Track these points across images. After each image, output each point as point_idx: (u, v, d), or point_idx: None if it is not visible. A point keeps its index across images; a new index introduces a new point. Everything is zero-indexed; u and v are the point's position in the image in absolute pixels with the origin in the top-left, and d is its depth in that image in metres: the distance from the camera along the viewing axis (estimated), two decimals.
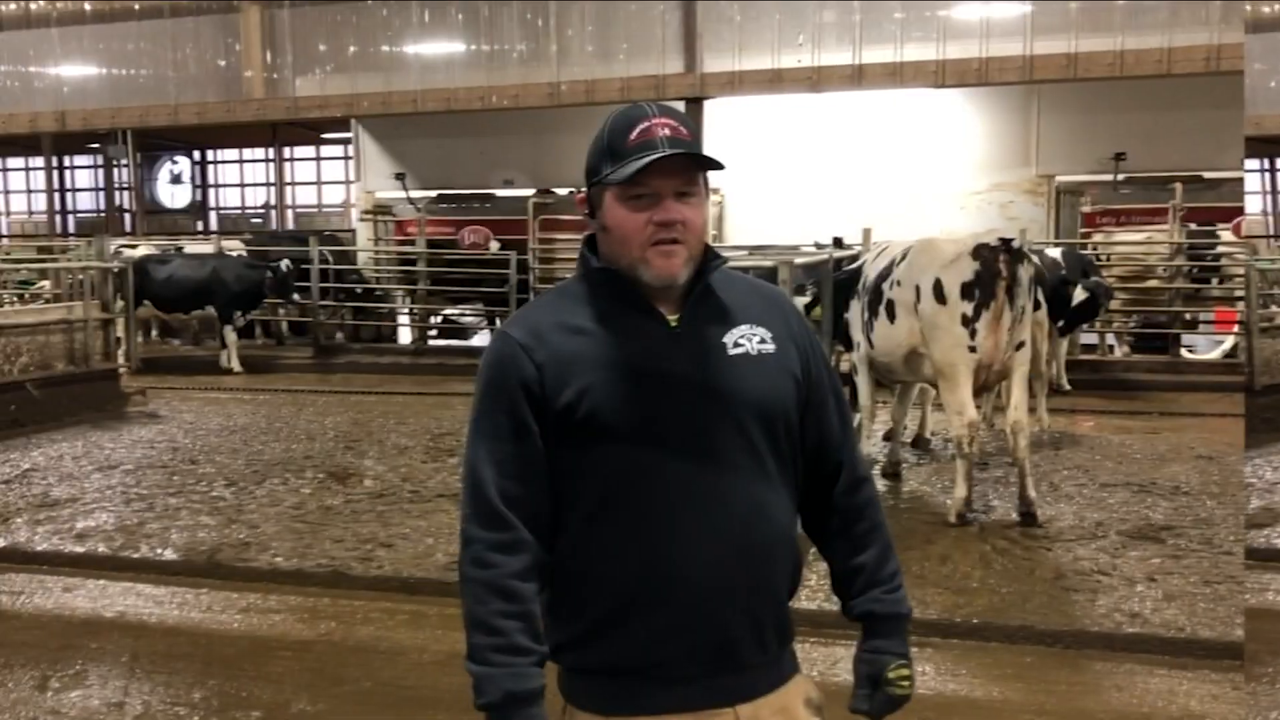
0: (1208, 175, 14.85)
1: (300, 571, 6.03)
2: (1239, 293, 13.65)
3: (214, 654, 5.03)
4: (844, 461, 2.03)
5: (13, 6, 17.17)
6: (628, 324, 1.88)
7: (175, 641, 5.20)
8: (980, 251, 6.53)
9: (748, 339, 1.91)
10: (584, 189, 1.97)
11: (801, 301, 7.99)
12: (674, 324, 1.88)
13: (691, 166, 1.86)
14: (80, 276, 11.80)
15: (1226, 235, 13.50)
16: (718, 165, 1.87)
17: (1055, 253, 11.62)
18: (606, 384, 1.83)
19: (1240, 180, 15.00)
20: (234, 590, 5.89)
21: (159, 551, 6.39)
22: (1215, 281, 13.79)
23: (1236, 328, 14.14)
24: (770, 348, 1.92)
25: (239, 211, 32.21)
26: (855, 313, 7.79)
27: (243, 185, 32.72)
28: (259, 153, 31.39)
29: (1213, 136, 15.07)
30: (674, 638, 1.85)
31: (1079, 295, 10.79)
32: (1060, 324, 11.05)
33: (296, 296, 14.73)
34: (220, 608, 5.68)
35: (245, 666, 4.88)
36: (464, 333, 17.89)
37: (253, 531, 6.75)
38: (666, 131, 1.83)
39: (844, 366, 8.47)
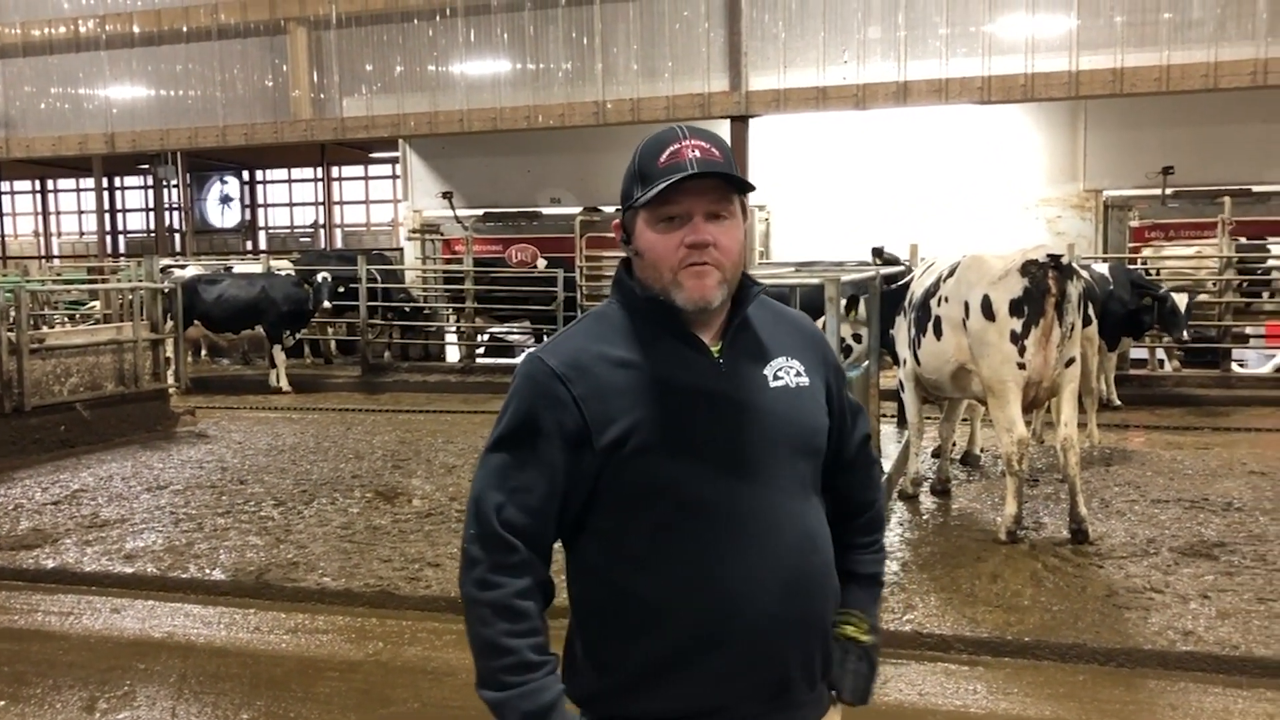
0: (1257, 189, 14.64)
1: (348, 591, 6.07)
2: None
3: (261, 674, 5.08)
4: (860, 465, 2.09)
5: (62, 30, 17.56)
6: (672, 355, 1.84)
7: (223, 662, 5.25)
8: (1029, 268, 6.47)
9: (786, 371, 1.90)
10: (619, 214, 1.96)
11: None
12: (717, 354, 1.87)
13: (723, 187, 1.83)
14: (130, 297, 11.99)
15: (1277, 249, 13.27)
16: (748, 186, 1.86)
17: (1103, 268, 11.49)
18: (656, 418, 1.79)
19: None
20: (282, 610, 5.95)
21: (207, 572, 6.45)
22: (1266, 295, 13.55)
23: None
24: (805, 381, 1.92)
25: (288, 231, 32.67)
26: (901, 329, 7.75)
27: (291, 205, 33.20)
28: (307, 172, 31.86)
29: (1261, 150, 14.87)
30: (737, 678, 1.80)
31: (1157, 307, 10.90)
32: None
33: (328, 304, 14.80)
34: (268, 628, 5.74)
35: (293, 687, 4.92)
36: (511, 351, 17.99)
37: (301, 551, 6.81)
38: (696, 153, 1.81)
39: (890, 382, 8.42)
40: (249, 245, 31.97)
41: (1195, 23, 12.84)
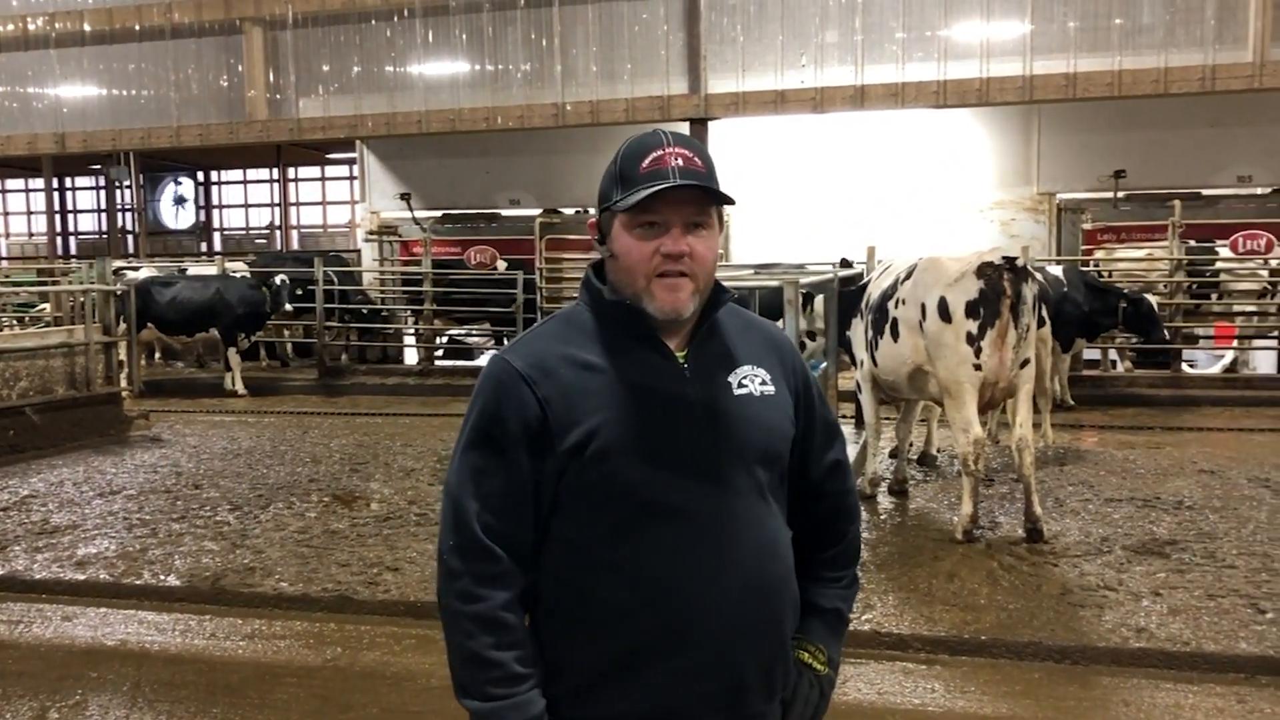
0: (1205, 192, 14.94)
1: (306, 596, 6.02)
2: (1237, 308, 13.72)
3: (217, 682, 5.02)
4: (830, 493, 2.07)
5: (10, 28, 17.23)
6: (638, 359, 1.85)
7: (178, 670, 5.18)
8: (984, 270, 6.55)
9: (751, 379, 1.91)
10: (594, 213, 1.95)
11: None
12: (682, 360, 1.87)
13: (703, 198, 1.84)
14: (81, 299, 11.79)
15: (1225, 252, 13.54)
16: (728, 200, 1.86)
17: (1057, 270, 11.66)
18: (620, 422, 1.79)
19: (1235, 196, 15.07)
20: (238, 616, 5.89)
21: (162, 578, 6.37)
22: (1214, 297, 13.82)
23: (1235, 342, 14.20)
24: (771, 389, 1.93)
25: (243, 232, 32.34)
26: (858, 331, 7.81)
27: (247, 206, 32.86)
28: (263, 173, 31.56)
29: (1209, 154, 15.18)
30: (693, 683, 1.80)
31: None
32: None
33: (289, 307, 14.68)
34: (224, 634, 5.67)
35: (249, 694, 4.86)
36: (470, 353, 17.92)
37: (257, 556, 6.74)
38: (680, 162, 1.82)
39: (848, 383, 8.48)
40: (204, 247, 31.60)
41: (1146, 29, 13.07)
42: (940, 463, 9.11)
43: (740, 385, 1.89)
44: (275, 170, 30.48)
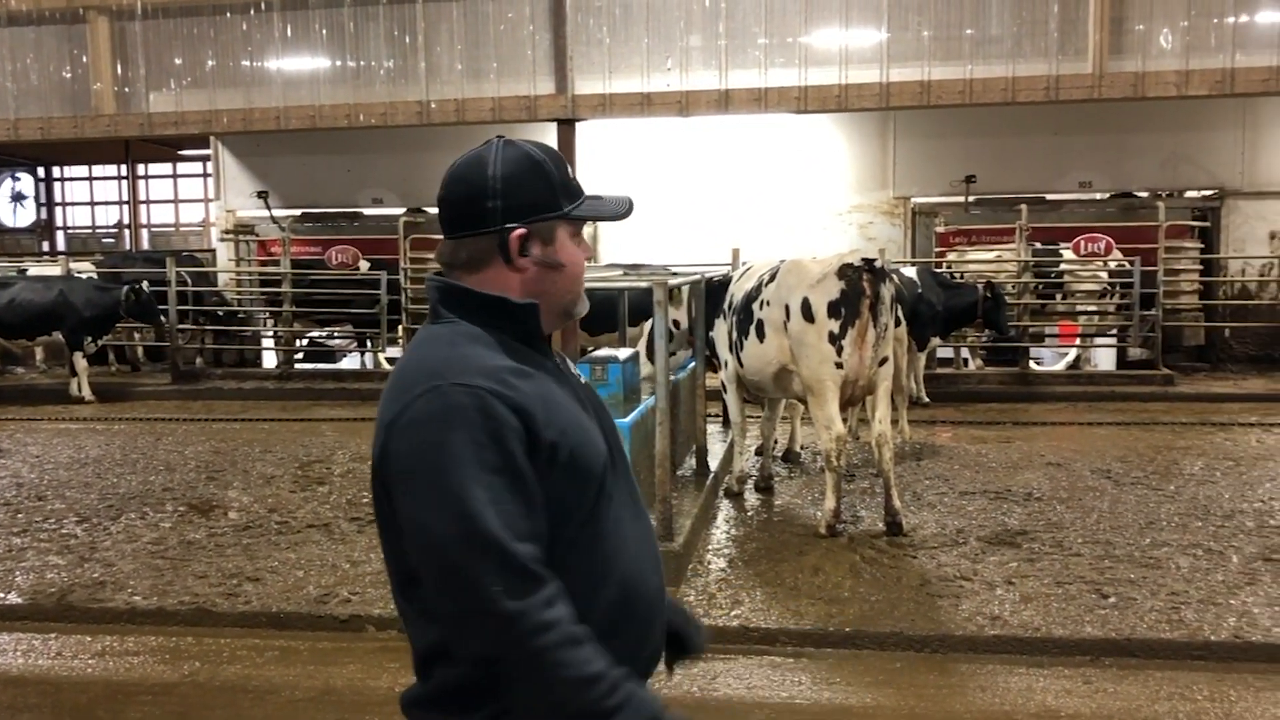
0: (1050, 197, 15.67)
1: (161, 610, 5.79)
2: (1080, 307, 14.44)
3: (65, 703, 4.80)
4: None
5: None
6: (539, 364, 1.86)
7: (20, 692, 4.94)
8: (845, 271, 6.73)
9: (577, 369, 2.07)
10: (515, 225, 1.83)
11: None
12: (557, 360, 1.96)
13: None
14: None
15: (1068, 254, 14.22)
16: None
17: (911, 271, 12.06)
18: (573, 422, 1.82)
19: (1077, 201, 15.87)
20: (87, 633, 5.64)
21: (2, 596, 6.05)
22: (1059, 297, 14.49)
23: (1078, 340, 14.95)
24: (585, 377, 2.10)
25: (89, 231, 30.86)
26: (722, 332, 7.92)
27: (93, 204, 31.37)
28: (110, 169, 30.19)
29: (1053, 160, 15.92)
30: (637, 656, 1.85)
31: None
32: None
33: (164, 320, 14.14)
34: (72, 653, 5.41)
35: (99, 714, 4.67)
36: (332, 356, 17.49)
37: (108, 570, 6.45)
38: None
39: (713, 382, 8.59)
40: (45, 246, 30.04)
41: (994, 39, 13.63)
42: (804, 459, 9.32)
43: (579, 376, 2.04)
44: (124, 167, 29.18)
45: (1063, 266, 14.27)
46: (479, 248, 1.84)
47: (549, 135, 14.00)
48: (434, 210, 16.50)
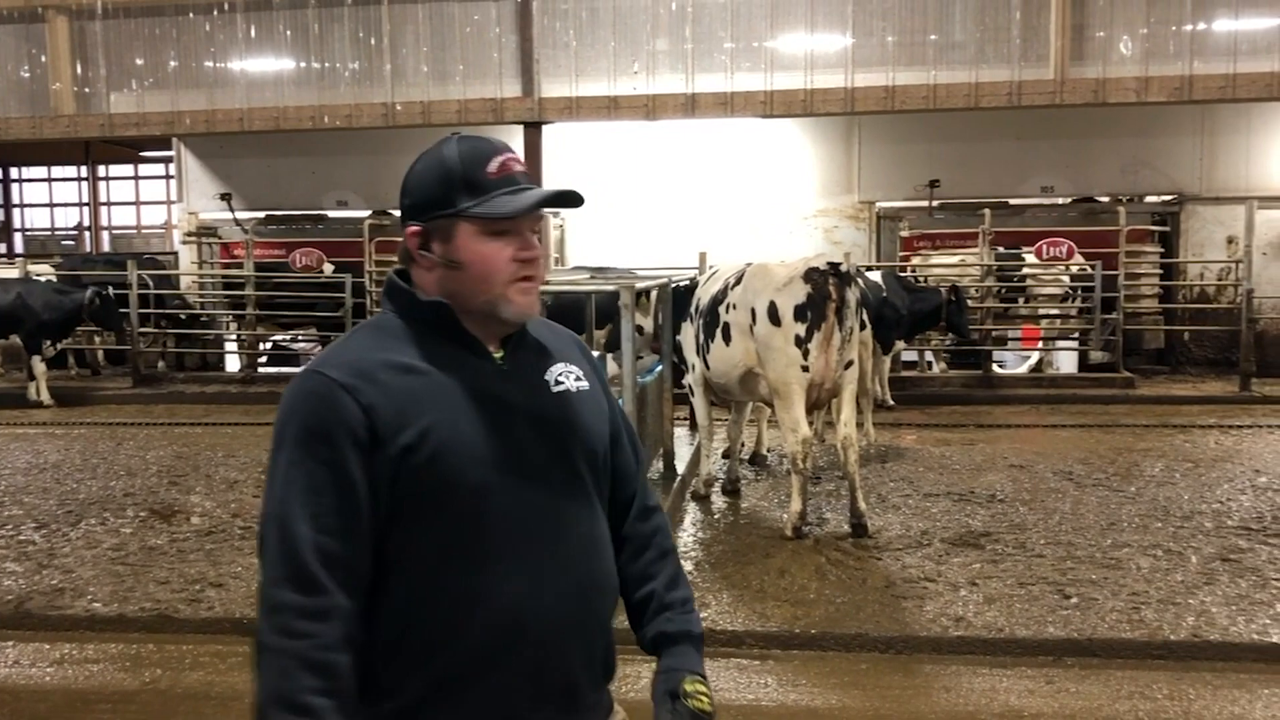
0: (1013, 201, 15.84)
1: (121, 617, 5.72)
2: (1042, 311, 14.61)
3: (22, 712, 4.73)
4: (636, 492, 2.07)
5: None
6: (457, 360, 1.82)
7: None
8: (811, 275, 6.77)
9: (566, 376, 1.93)
10: (411, 223, 1.85)
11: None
12: (500, 360, 1.87)
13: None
14: None
15: (1030, 258, 14.37)
16: (581, 201, 1.87)
17: (876, 275, 12.15)
18: (448, 424, 1.74)
19: (1039, 206, 16.05)
20: (45, 641, 5.55)
21: None
22: (1021, 301, 14.65)
23: (1040, 343, 15.12)
24: (585, 385, 1.95)
25: (48, 233, 30.40)
26: (689, 335, 7.94)
27: (52, 205, 30.92)
28: (70, 170, 29.79)
29: (1016, 165, 16.09)
30: (526, 687, 1.77)
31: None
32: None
33: (127, 327, 13.98)
34: (29, 661, 5.33)
35: None
36: (296, 359, 17.34)
37: (67, 576, 6.36)
38: (520, 167, 1.85)
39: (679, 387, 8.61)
40: (3, 248, 29.59)
41: (958, 45, 13.76)
42: (770, 462, 9.36)
43: (558, 382, 1.91)
44: (84, 168, 28.80)
45: (1025, 270, 14.41)
46: (402, 245, 1.89)
47: (515, 138, 13.98)
48: (399, 212, 16.65)
